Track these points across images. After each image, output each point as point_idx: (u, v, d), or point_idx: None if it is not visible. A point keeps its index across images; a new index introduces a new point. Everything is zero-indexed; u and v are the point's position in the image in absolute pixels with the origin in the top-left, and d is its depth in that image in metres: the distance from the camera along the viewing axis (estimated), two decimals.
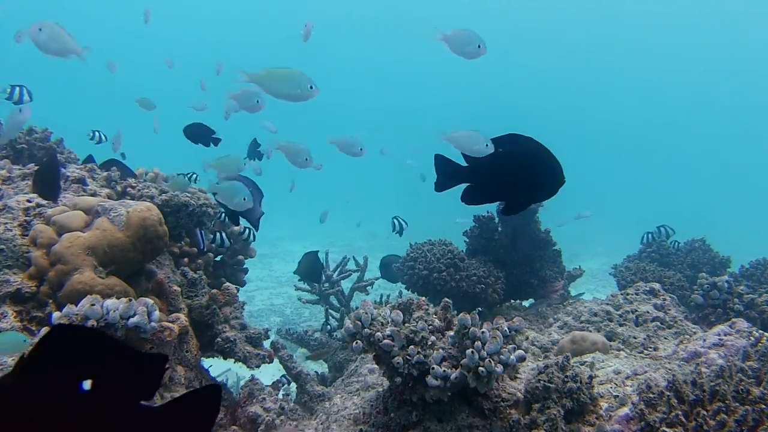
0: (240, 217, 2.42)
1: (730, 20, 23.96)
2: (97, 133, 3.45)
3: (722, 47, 25.54)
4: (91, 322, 1.40)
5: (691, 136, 27.58)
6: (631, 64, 26.94)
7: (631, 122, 27.76)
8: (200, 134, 3.18)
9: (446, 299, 1.68)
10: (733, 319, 2.18)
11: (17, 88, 2.73)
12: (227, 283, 2.37)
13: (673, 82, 27.34)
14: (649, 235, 3.80)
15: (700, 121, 28.06)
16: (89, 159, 2.84)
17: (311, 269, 3.48)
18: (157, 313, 1.54)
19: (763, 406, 1.25)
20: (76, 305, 1.44)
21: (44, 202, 1.87)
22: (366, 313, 1.58)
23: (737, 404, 1.29)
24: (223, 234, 2.72)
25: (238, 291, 2.33)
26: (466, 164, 1.66)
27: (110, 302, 1.45)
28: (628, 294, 2.65)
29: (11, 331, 1.38)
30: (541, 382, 1.52)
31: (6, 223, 1.71)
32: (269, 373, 3.16)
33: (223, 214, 2.72)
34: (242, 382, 2.39)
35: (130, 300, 1.47)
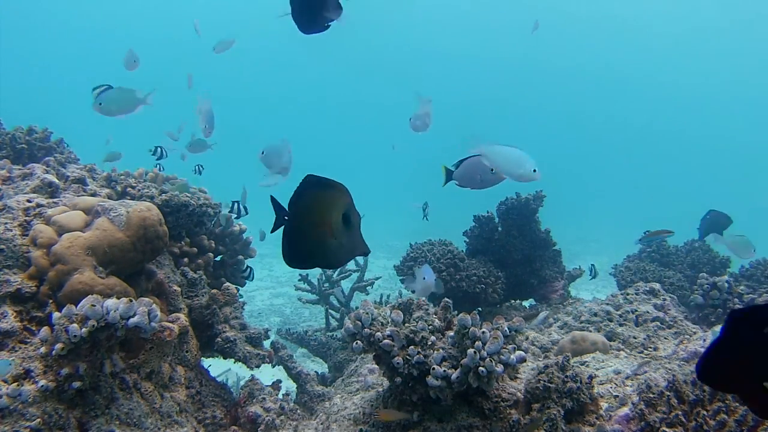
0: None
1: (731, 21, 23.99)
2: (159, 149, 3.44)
3: (721, 49, 25.56)
4: (91, 322, 1.40)
5: (692, 136, 27.61)
6: (634, 66, 26.99)
7: (632, 122, 27.79)
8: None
9: (446, 299, 1.68)
10: None
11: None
12: (227, 283, 2.37)
13: (674, 82, 27.39)
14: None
15: (701, 121, 28.08)
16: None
17: None
18: (157, 313, 1.54)
19: None
20: (76, 305, 1.44)
21: (44, 201, 1.87)
22: (366, 313, 1.58)
23: (737, 404, 1.29)
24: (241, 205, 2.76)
25: (238, 291, 2.33)
26: None
27: (110, 302, 1.45)
28: (628, 294, 2.65)
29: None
30: (541, 382, 1.52)
31: (6, 223, 1.71)
32: (269, 372, 3.16)
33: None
34: (242, 382, 2.39)
35: (131, 300, 1.47)
